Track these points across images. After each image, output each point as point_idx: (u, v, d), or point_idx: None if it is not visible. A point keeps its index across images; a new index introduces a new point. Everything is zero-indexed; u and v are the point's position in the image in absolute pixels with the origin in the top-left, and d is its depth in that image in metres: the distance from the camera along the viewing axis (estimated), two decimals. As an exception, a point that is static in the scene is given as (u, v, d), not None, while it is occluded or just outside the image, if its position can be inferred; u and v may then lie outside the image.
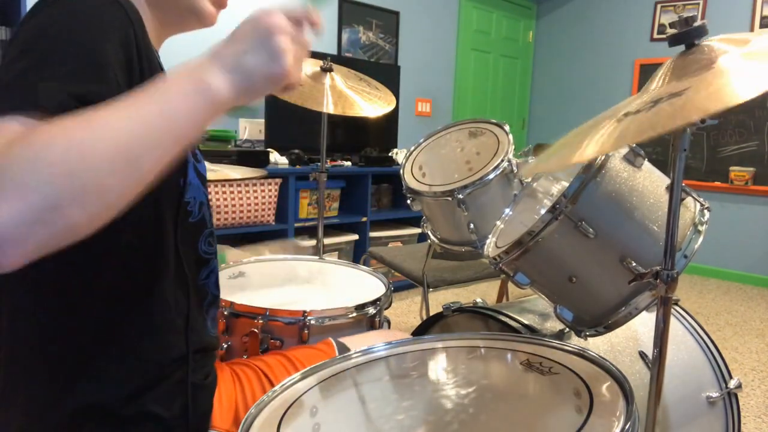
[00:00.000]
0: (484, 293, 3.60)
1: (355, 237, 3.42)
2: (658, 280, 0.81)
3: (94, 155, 0.48)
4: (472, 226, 1.38)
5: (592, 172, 0.92)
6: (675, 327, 1.25)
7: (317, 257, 1.60)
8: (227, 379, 0.88)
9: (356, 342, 1.02)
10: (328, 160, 3.31)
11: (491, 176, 1.34)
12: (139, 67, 0.65)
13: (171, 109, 0.53)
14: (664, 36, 4.47)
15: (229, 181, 2.76)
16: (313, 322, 1.12)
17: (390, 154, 3.65)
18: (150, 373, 0.73)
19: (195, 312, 0.81)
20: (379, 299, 1.23)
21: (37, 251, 0.48)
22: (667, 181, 0.99)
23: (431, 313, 1.37)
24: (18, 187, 0.45)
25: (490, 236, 1.17)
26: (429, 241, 1.56)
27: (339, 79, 1.76)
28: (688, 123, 0.55)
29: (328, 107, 1.66)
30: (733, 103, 0.53)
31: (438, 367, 0.84)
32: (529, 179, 1.28)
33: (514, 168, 1.37)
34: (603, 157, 0.93)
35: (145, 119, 0.52)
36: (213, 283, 0.86)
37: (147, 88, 0.53)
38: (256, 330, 1.10)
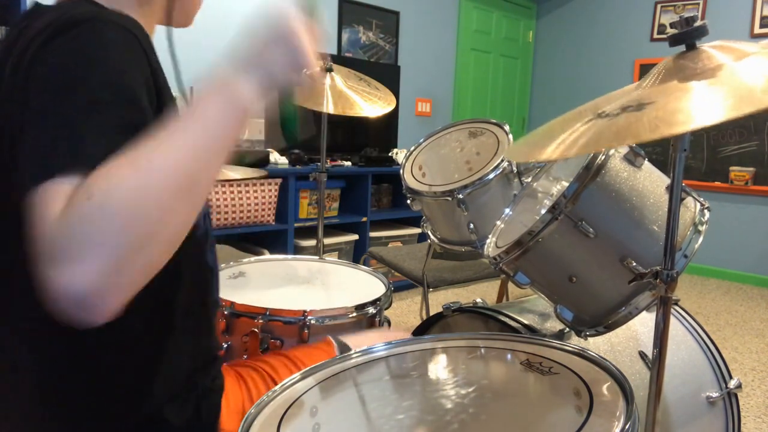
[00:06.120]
0: (484, 293, 3.60)
1: (355, 237, 3.42)
2: (658, 280, 0.81)
3: (153, 193, 0.49)
4: (472, 226, 1.38)
5: (592, 171, 0.92)
6: (675, 327, 1.24)
7: (317, 257, 1.60)
8: (232, 382, 0.88)
9: (356, 340, 1.02)
10: (328, 160, 3.31)
11: (491, 176, 1.34)
12: (156, 91, 0.65)
13: (211, 127, 0.55)
14: (664, 36, 4.47)
15: (229, 181, 2.76)
16: (313, 321, 1.12)
17: (390, 154, 3.65)
18: (163, 390, 0.74)
19: (207, 322, 0.82)
20: (379, 299, 1.23)
21: (124, 298, 0.48)
22: (667, 181, 0.99)
23: (431, 313, 1.37)
24: (89, 247, 0.46)
25: (490, 236, 1.17)
26: (429, 241, 1.56)
27: (339, 79, 1.76)
28: (625, 144, 0.60)
29: (328, 107, 1.66)
30: (666, 135, 0.55)
31: (438, 367, 0.84)
32: (530, 179, 1.28)
33: (514, 168, 1.37)
34: (603, 157, 0.93)
35: (190, 144, 0.53)
36: (217, 289, 0.87)
37: (181, 114, 0.55)
38: (256, 330, 1.10)
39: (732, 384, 1.20)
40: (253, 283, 1.35)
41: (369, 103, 1.74)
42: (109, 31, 0.60)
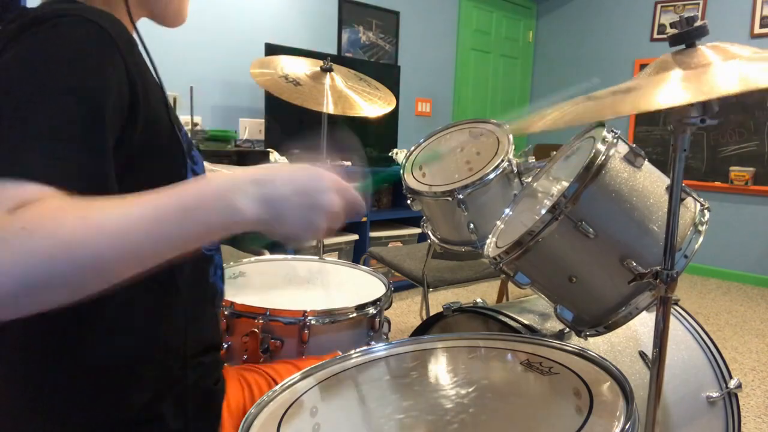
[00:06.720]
0: (484, 293, 3.60)
1: (355, 237, 3.42)
2: (658, 280, 0.81)
3: (87, 259, 0.47)
4: (472, 226, 1.38)
5: (592, 172, 0.92)
6: (675, 327, 1.25)
7: (317, 257, 1.60)
8: (235, 385, 0.88)
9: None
10: (328, 160, 3.30)
11: (491, 176, 1.34)
12: (130, 88, 0.63)
13: (190, 226, 0.52)
14: (664, 36, 4.47)
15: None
16: (313, 322, 1.12)
17: (390, 154, 3.65)
18: (164, 380, 0.73)
19: (208, 310, 0.81)
20: (379, 299, 1.23)
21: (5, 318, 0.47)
22: (667, 181, 0.99)
23: (431, 313, 1.37)
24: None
25: (490, 236, 1.17)
26: (429, 241, 1.56)
27: (339, 79, 1.76)
28: (605, 117, 0.68)
29: (328, 107, 1.66)
30: (642, 111, 0.65)
31: (438, 367, 0.84)
32: (530, 179, 1.28)
33: (514, 168, 1.37)
34: (603, 157, 0.93)
35: (155, 232, 0.50)
36: (220, 278, 0.86)
37: (164, 194, 0.51)
38: (256, 330, 1.10)
39: (732, 384, 1.20)
40: (253, 283, 1.35)
41: (369, 103, 1.74)
42: (76, 28, 0.59)
